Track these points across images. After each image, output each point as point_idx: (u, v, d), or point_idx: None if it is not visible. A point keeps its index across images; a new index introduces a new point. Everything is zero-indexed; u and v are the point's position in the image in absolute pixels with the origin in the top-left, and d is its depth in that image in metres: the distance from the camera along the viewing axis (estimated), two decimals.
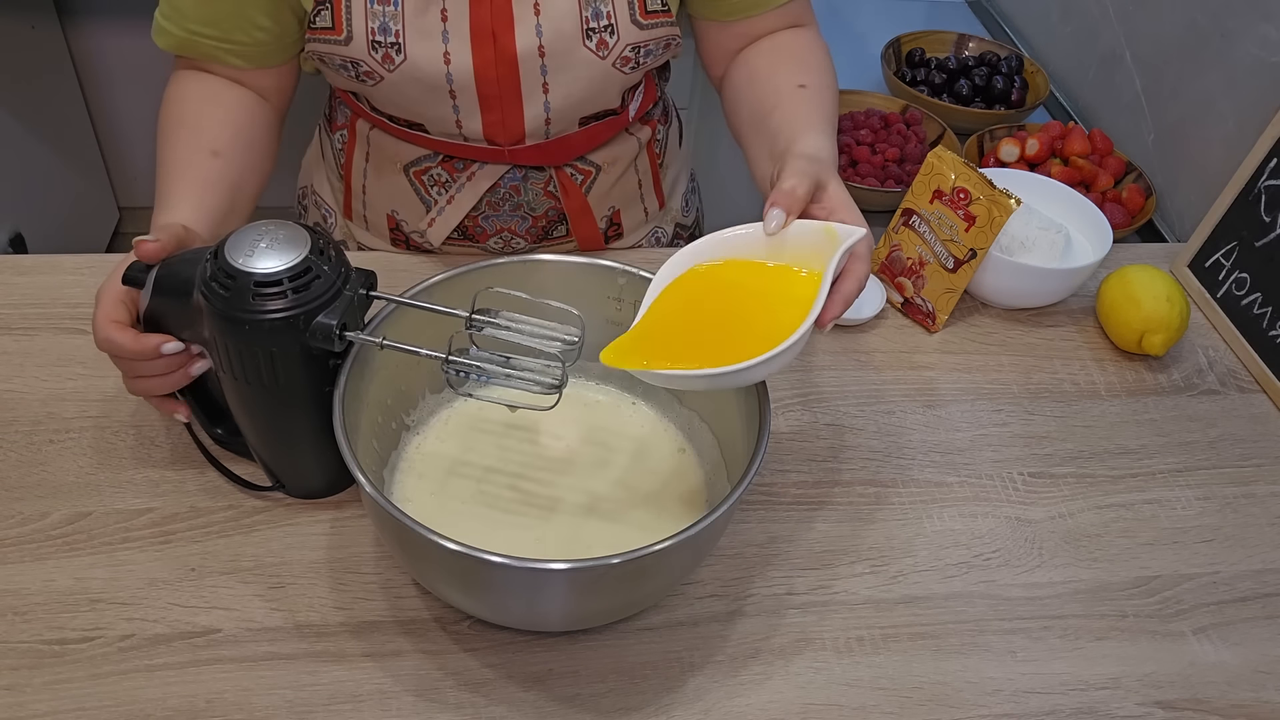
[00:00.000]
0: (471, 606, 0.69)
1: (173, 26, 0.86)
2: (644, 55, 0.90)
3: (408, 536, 0.60)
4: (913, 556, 0.79)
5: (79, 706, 0.66)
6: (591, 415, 0.82)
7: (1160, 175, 1.35)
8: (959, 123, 1.46)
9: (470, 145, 0.94)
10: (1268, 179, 0.99)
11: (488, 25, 0.85)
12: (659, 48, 0.91)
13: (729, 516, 0.64)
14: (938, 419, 0.91)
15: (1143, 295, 0.96)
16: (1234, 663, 0.75)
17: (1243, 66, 1.21)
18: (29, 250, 2.01)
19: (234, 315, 0.63)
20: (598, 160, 1.00)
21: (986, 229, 0.93)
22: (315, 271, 0.64)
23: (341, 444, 0.63)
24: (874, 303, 0.99)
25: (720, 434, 0.77)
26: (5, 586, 0.71)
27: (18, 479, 0.78)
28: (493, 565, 0.59)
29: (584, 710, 0.68)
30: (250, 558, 0.74)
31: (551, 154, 0.96)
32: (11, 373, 0.86)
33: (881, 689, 0.71)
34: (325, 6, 0.84)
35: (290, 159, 1.08)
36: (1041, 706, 0.71)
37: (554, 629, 0.72)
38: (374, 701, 0.67)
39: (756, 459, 0.65)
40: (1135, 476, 0.88)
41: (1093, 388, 0.96)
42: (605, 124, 0.97)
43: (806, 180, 0.73)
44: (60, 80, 2.15)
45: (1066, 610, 0.77)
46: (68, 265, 0.96)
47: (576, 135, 0.95)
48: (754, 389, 0.69)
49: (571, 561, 0.59)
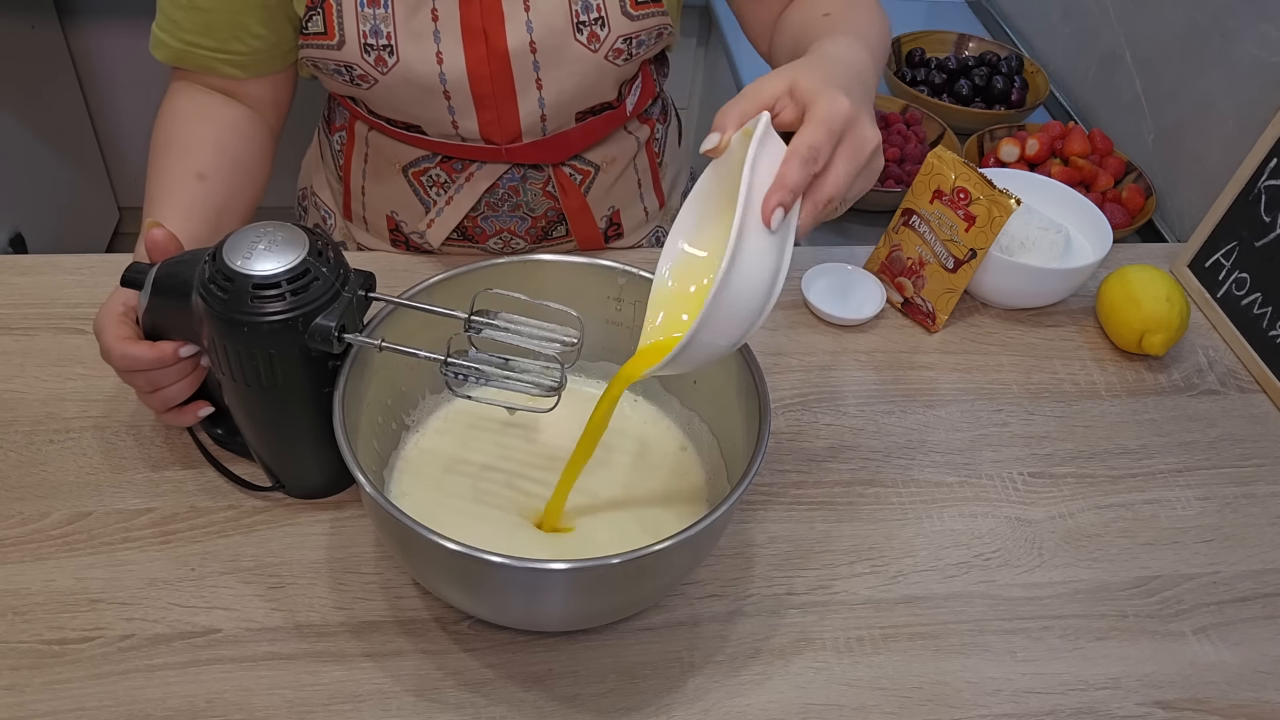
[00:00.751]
0: (471, 606, 0.69)
1: (169, 38, 0.86)
2: (636, 46, 0.90)
3: (407, 536, 0.60)
4: (913, 556, 0.79)
5: (79, 706, 0.66)
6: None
7: (1160, 175, 1.35)
8: (959, 123, 1.46)
9: (468, 145, 0.94)
10: (1268, 179, 0.99)
11: (478, 23, 0.85)
12: (651, 38, 0.91)
13: (729, 516, 0.64)
14: (938, 419, 0.91)
15: (1143, 295, 0.96)
16: (1234, 663, 0.75)
17: (1243, 66, 1.21)
18: (29, 250, 2.01)
19: (232, 317, 0.63)
20: (596, 159, 1.00)
21: (986, 229, 0.93)
22: (314, 273, 0.64)
23: (342, 445, 0.63)
24: (874, 303, 0.99)
25: (720, 434, 0.77)
26: (5, 586, 0.71)
27: (18, 479, 0.78)
28: (492, 565, 0.59)
29: (584, 710, 0.68)
30: (250, 558, 0.74)
31: (549, 151, 0.96)
32: (11, 373, 0.86)
33: (881, 689, 0.71)
34: (317, 11, 0.84)
35: (290, 159, 1.08)
36: (1041, 706, 0.71)
37: (554, 629, 0.72)
38: (374, 701, 0.67)
39: (756, 459, 0.65)
40: (1135, 476, 0.88)
41: (1093, 388, 0.96)
42: (603, 119, 0.97)
43: (762, 87, 0.62)
44: (60, 80, 2.15)
45: (1066, 610, 0.77)
46: (68, 265, 0.97)
47: (574, 131, 0.95)
48: (754, 388, 0.69)
49: (571, 561, 0.59)
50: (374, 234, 1.06)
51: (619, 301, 0.78)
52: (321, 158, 1.08)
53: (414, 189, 0.99)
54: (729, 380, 0.74)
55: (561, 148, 0.96)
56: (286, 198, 1.17)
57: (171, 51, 0.87)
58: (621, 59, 0.90)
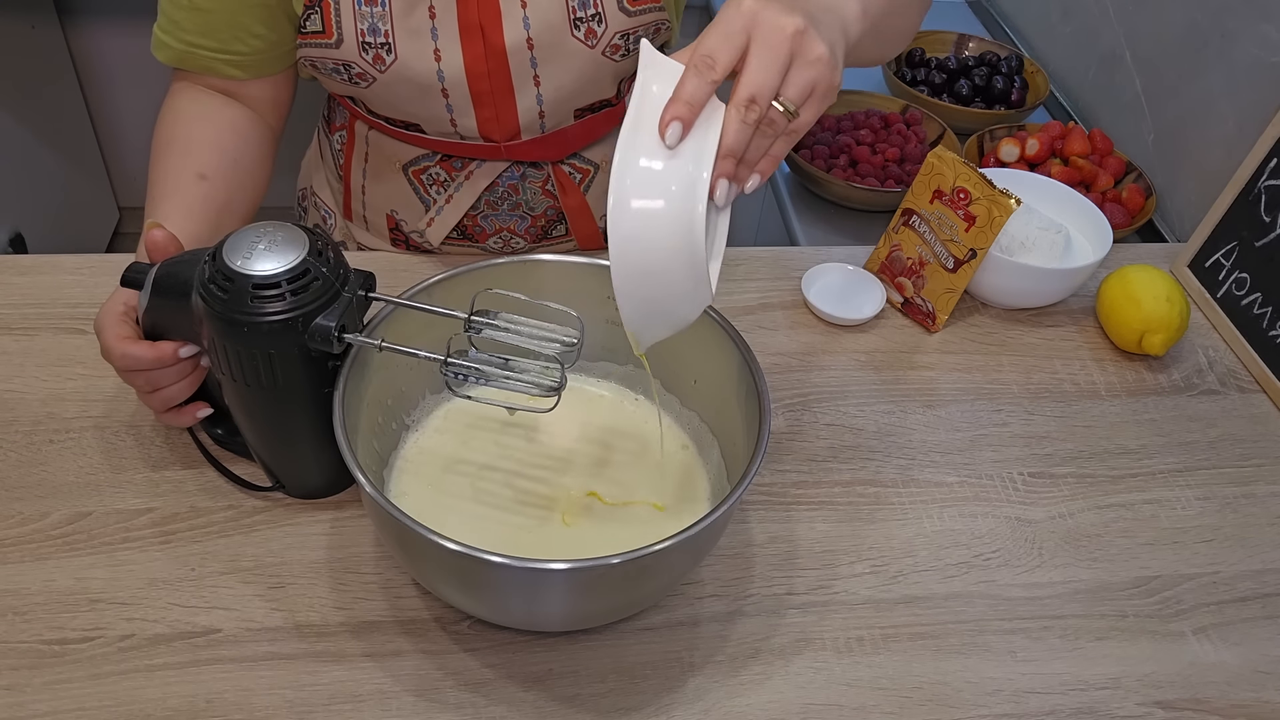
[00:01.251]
0: (472, 606, 0.69)
1: (171, 40, 0.86)
2: (634, 42, 0.90)
3: (408, 536, 0.60)
4: (913, 556, 0.79)
5: (79, 706, 0.66)
6: (592, 412, 0.82)
7: (1160, 175, 1.35)
8: (959, 123, 1.46)
9: (467, 143, 0.94)
10: (1268, 179, 0.99)
11: (475, 20, 0.85)
12: (648, 33, 0.91)
13: (729, 516, 0.64)
14: (938, 419, 0.91)
15: (1143, 295, 0.96)
16: (1234, 663, 0.75)
17: (1243, 66, 1.21)
18: (29, 250, 2.01)
19: (232, 317, 0.63)
20: (595, 158, 1.00)
21: (986, 229, 0.93)
22: (314, 274, 0.64)
23: (342, 445, 0.63)
24: (874, 303, 0.99)
25: (720, 434, 0.77)
26: (5, 586, 0.71)
27: (18, 479, 0.78)
28: (492, 565, 0.59)
29: (584, 710, 0.68)
30: (250, 558, 0.74)
31: (549, 149, 0.96)
32: (11, 373, 0.86)
33: (881, 689, 0.71)
34: (315, 10, 0.84)
35: (290, 159, 1.08)
36: (1041, 706, 0.71)
37: (554, 629, 0.72)
38: (374, 701, 0.67)
39: (756, 459, 0.65)
40: (1135, 476, 0.88)
41: (1093, 388, 0.96)
42: (602, 116, 0.97)
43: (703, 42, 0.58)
44: (60, 80, 2.15)
45: (1066, 610, 0.77)
46: (68, 265, 0.97)
47: (573, 129, 0.95)
48: (754, 389, 0.69)
49: (571, 561, 0.59)
50: (374, 233, 1.06)
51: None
52: (321, 157, 1.08)
53: (414, 187, 0.99)
54: (729, 380, 0.74)
55: (561, 145, 0.96)
56: (286, 198, 1.17)
57: (173, 53, 0.87)
58: (619, 55, 0.90)
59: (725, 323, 0.74)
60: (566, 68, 0.89)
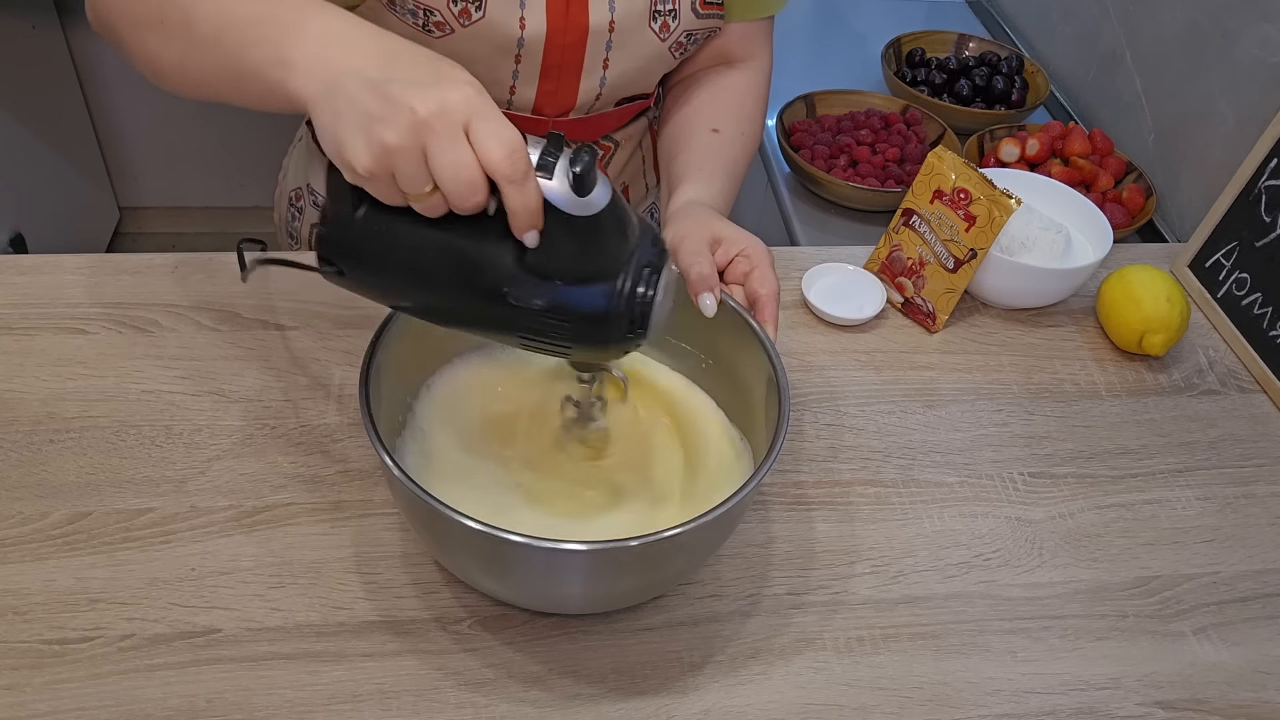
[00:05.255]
0: (489, 585, 0.70)
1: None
2: (692, 44, 0.94)
3: (430, 515, 0.61)
4: (913, 556, 0.79)
5: (79, 706, 0.66)
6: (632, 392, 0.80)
7: (1160, 175, 1.35)
8: (959, 123, 1.46)
9: (514, 113, 0.93)
10: (1268, 179, 0.99)
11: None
12: (703, 37, 0.95)
13: (746, 504, 0.64)
14: (938, 419, 0.91)
15: (1143, 295, 0.96)
16: (1234, 663, 0.75)
17: (1243, 66, 1.21)
18: (29, 250, 2.01)
19: None
20: (618, 137, 1.04)
21: (987, 229, 0.93)
22: None
23: (367, 425, 0.63)
24: (874, 303, 0.99)
25: (736, 420, 0.78)
26: (5, 586, 0.71)
27: (18, 479, 0.78)
28: (513, 545, 0.59)
29: (584, 710, 0.68)
30: (250, 558, 0.74)
31: (588, 129, 0.99)
32: (11, 373, 0.86)
33: (881, 689, 0.71)
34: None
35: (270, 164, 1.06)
36: (1041, 706, 0.71)
37: (572, 611, 0.72)
38: (374, 701, 0.67)
39: (778, 442, 0.65)
40: (1135, 476, 0.88)
41: (1093, 388, 0.96)
42: (635, 106, 1.01)
43: (703, 247, 0.77)
44: (60, 80, 2.15)
45: (1067, 610, 0.77)
46: (68, 265, 0.96)
47: (612, 114, 0.99)
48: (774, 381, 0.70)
49: (591, 543, 0.59)
50: None
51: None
52: (321, 152, 1.07)
53: None
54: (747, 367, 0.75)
55: (598, 127, 1.00)
56: (264, 198, 1.14)
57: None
58: (680, 52, 0.94)
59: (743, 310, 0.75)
60: (635, 55, 0.91)
